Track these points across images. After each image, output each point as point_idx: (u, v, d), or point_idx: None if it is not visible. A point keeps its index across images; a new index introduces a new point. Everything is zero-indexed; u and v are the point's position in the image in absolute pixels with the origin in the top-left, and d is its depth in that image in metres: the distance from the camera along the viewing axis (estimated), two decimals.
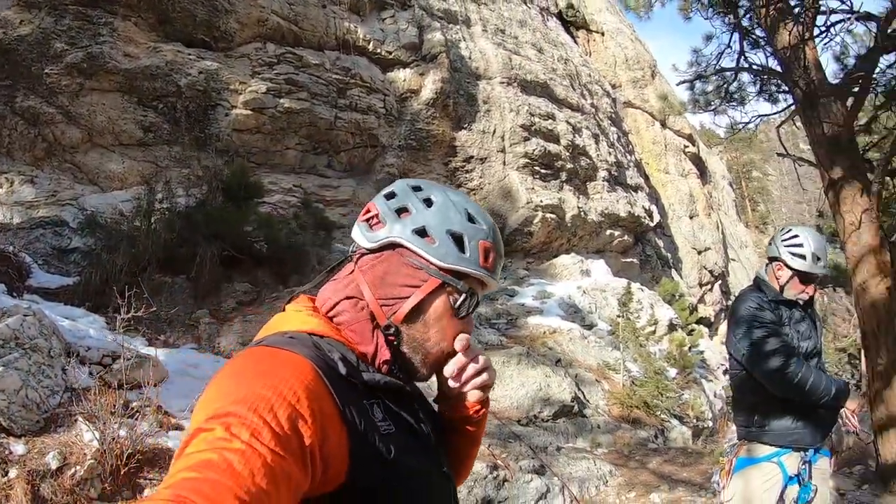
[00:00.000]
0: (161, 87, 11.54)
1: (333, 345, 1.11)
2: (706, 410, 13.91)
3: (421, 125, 15.89)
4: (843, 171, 6.08)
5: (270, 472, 0.84)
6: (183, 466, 0.82)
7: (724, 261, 32.40)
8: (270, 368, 0.98)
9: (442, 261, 1.19)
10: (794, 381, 3.08)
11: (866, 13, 6.28)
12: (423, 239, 1.20)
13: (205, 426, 0.88)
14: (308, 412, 0.94)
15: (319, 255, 10.21)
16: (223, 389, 0.95)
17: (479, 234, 1.23)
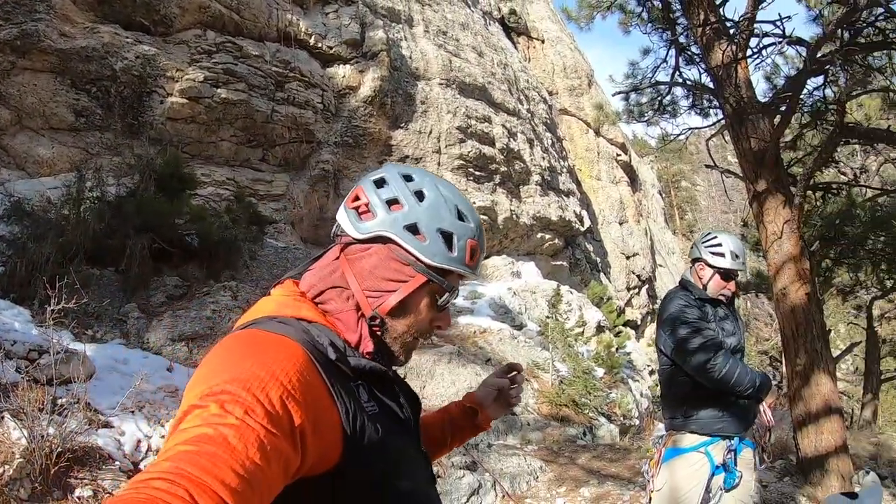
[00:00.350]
0: (96, 69, 11.12)
1: (322, 330, 1.14)
2: (633, 409, 14.32)
3: (358, 122, 15.81)
4: (767, 184, 6.34)
5: (263, 449, 0.86)
6: (180, 440, 0.84)
7: (651, 266, 33.30)
8: (263, 350, 1.00)
9: (431, 259, 1.21)
10: (722, 373, 3.25)
11: (797, 38, 6.57)
12: (415, 236, 1.21)
13: (199, 403, 0.90)
14: (299, 394, 0.97)
15: (251, 250, 10.08)
16: (217, 368, 0.97)
17: (467, 233, 1.25)
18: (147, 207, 8.29)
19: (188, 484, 0.77)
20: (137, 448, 4.81)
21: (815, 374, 6.08)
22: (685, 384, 3.43)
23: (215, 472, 0.79)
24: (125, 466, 4.44)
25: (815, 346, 6.15)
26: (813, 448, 6.02)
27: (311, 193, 14.67)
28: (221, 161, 13.00)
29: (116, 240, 7.99)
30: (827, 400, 6.04)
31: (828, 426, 6.01)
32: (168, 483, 0.76)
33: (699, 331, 3.37)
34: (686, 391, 3.44)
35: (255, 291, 9.10)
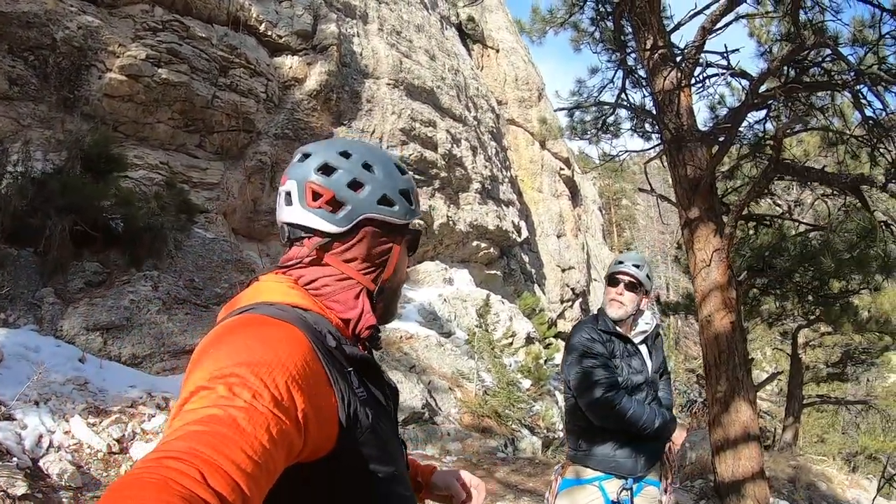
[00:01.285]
0: (35, 37, 10.62)
1: (317, 319, 1.16)
2: (557, 421, 14.52)
3: (300, 116, 15.54)
4: (699, 212, 6.44)
5: (271, 433, 0.88)
6: (189, 420, 0.85)
7: (586, 280, 33.83)
8: (269, 336, 1.02)
9: (402, 219, 1.31)
10: (612, 412, 3.26)
11: (742, 70, 6.70)
12: (388, 206, 1.29)
13: (206, 385, 0.91)
14: (303, 381, 0.99)
15: (177, 239, 9.75)
16: (224, 351, 0.99)
17: (413, 184, 1.37)
18: (72, 187, 7.93)
19: (200, 464, 0.78)
20: (39, 443, 4.65)
21: (735, 401, 6.17)
22: (583, 418, 3.41)
23: (227, 453, 0.81)
24: (23, 464, 4.27)
25: (737, 373, 6.25)
26: (730, 473, 6.12)
27: (247, 184, 14.36)
28: (156, 144, 12.56)
29: (38, 219, 7.65)
30: (746, 427, 6.14)
31: (746, 452, 6.11)
32: (180, 462, 0.77)
33: (597, 368, 3.36)
34: (583, 425, 3.44)
35: (177, 283, 8.87)
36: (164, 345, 7.78)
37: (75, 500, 4.19)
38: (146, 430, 5.49)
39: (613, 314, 3.50)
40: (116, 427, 5.25)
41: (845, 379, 15.64)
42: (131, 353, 7.38)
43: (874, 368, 15.70)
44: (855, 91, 6.13)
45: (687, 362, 32.20)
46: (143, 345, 7.57)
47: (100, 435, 5.03)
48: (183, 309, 8.52)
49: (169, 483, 0.73)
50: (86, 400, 5.50)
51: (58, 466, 4.37)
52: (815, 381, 15.51)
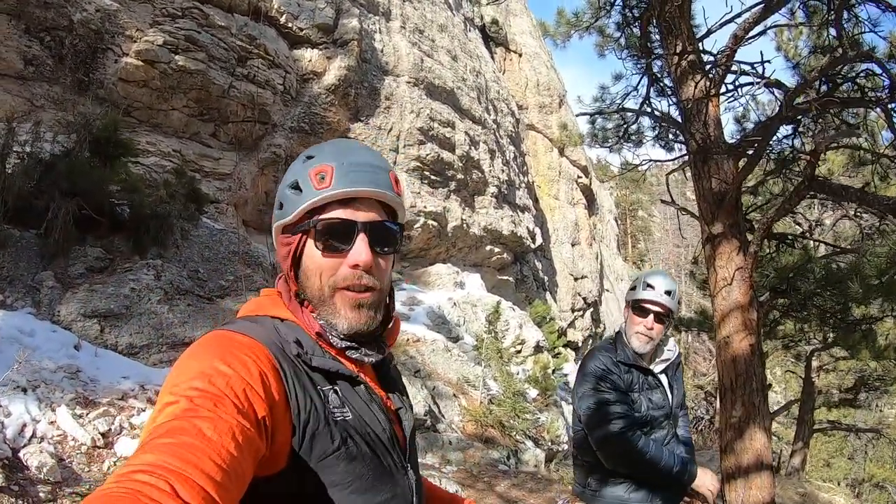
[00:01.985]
0: (53, 17, 10.50)
1: (291, 327, 1.18)
2: (562, 434, 14.28)
3: (317, 110, 15.39)
4: (723, 228, 6.22)
5: (236, 439, 0.88)
6: (157, 434, 0.86)
7: (598, 290, 33.63)
8: (227, 349, 1.03)
9: (289, 217, 1.22)
10: (627, 453, 2.95)
11: (776, 80, 6.49)
12: (279, 210, 1.26)
13: (169, 400, 0.93)
14: (261, 389, 1.00)
15: (184, 228, 9.60)
16: (185, 367, 1.00)
17: (308, 167, 1.22)
18: (79, 170, 7.79)
19: (170, 476, 0.77)
20: (21, 433, 4.46)
21: (749, 428, 5.96)
22: (593, 453, 3.11)
23: (195, 463, 0.80)
24: (2, 453, 4.09)
25: (754, 399, 6.02)
26: (740, 502, 5.90)
27: (259, 177, 14.23)
28: (170, 131, 12.44)
29: (43, 201, 7.50)
30: (759, 455, 5.93)
31: (757, 482, 5.90)
32: (149, 475, 0.77)
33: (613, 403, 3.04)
34: (592, 461, 3.15)
35: (180, 273, 8.71)
36: (162, 335, 7.62)
37: (53, 495, 4.01)
38: (134, 425, 5.30)
39: (640, 348, 3.14)
40: (103, 420, 5.07)
41: (857, 406, 15.38)
42: (129, 342, 7.21)
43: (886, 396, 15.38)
44: (888, 109, 5.83)
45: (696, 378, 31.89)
46: (142, 334, 7.40)
47: (85, 427, 4.84)
48: (185, 300, 8.35)
49: (138, 497, 0.73)
50: (75, 389, 5.32)
51: (37, 459, 4.18)
52: (826, 406, 15.25)
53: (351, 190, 1.19)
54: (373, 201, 1.24)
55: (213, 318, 8.39)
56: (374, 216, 1.24)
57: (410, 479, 1.24)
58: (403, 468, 1.23)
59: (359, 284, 1.20)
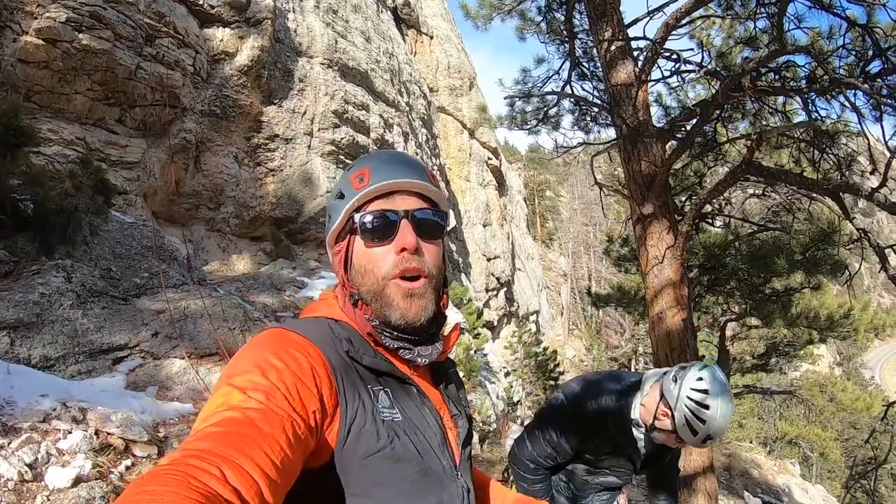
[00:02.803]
0: None
1: (344, 327, 1.21)
2: (491, 414, 14.32)
3: (229, 92, 14.66)
4: (653, 209, 6.40)
5: (286, 432, 0.90)
6: (210, 423, 0.88)
7: (511, 269, 34.15)
8: (281, 345, 1.06)
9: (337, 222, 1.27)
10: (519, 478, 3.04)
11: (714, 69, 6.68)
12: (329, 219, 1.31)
13: (225, 391, 0.95)
14: (312, 384, 1.02)
15: (93, 223, 8.86)
16: (240, 360, 1.03)
17: (349, 175, 1.28)
18: None
19: (221, 462, 0.80)
20: None
21: None
22: None
23: (246, 452, 0.82)
24: None
25: None
26: (682, 468, 6.12)
27: (169, 164, 13.41)
28: (73, 117, 11.43)
29: None
30: None
31: (696, 449, 6.16)
32: (201, 460, 0.79)
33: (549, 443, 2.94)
34: None
35: (92, 273, 8.02)
36: (79, 344, 6.98)
37: None
38: (62, 451, 4.75)
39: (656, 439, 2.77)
40: (28, 449, 4.50)
41: (768, 370, 16.31)
42: (42, 354, 6.55)
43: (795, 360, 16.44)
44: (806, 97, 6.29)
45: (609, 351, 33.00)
46: (56, 345, 6.74)
47: (9, 460, 4.28)
48: (99, 302, 7.70)
49: (189, 479, 0.75)
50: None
51: None
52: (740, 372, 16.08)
53: (386, 183, 1.23)
54: (412, 193, 1.27)
55: (130, 319, 7.80)
56: (415, 205, 1.26)
57: (460, 487, 1.22)
58: (454, 475, 1.22)
59: (409, 269, 1.21)
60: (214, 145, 14.70)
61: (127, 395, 6.76)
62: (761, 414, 26.24)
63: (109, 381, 6.94)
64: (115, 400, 6.31)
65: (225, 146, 14.99)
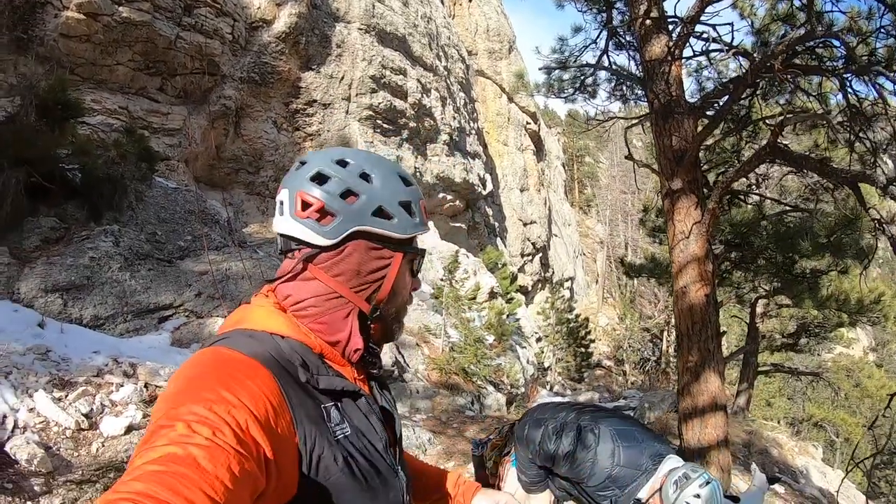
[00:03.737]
0: None
1: (294, 347, 1.12)
2: (520, 378, 14.53)
3: (267, 59, 14.92)
4: (682, 184, 6.41)
5: (232, 471, 0.84)
6: (148, 459, 0.81)
7: (547, 235, 34.01)
8: (231, 373, 0.98)
9: (402, 234, 1.20)
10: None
11: (744, 49, 6.64)
12: (383, 219, 1.19)
13: (165, 423, 0.88)
14: (265, 420, 0.95)
15: (138, 190, 9.23)
16: (184, 387, 0.95)
17: (417, 195, 1.25)
18: (25, 136, 7.37)
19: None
20: (3, 425, 4.29)
21: (705, 371, 6.27)
22: None
23: (185, 495, 0.77)
24: None
25: (709, 345, 6.33)
26: (696, 440, 6.26)
27: (210, 130, 13.77)
28: (115, 87, 11.84)
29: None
30: (714, 397, 6.25)
31: (712, 421, 6.24)
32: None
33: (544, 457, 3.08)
34: None
35: (138, 237, 8.42)
36: (127, 304, 7.41)
37: (47, 486, 3.89)
38: (115, 402, 5.16)
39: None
40: (84, 401, 4.91)
41: (798, 350, 16.19)
42: (93, 314, 6.99)
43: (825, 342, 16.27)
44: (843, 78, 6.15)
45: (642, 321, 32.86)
46: (106, 305, 7.17)
47: (67, 411, 4.69)
48: (146, 265, 8.11)
49: None
50: (49, 371, 5.13)
51: (26, 451, 4.03)
52: (769, 350, 15.96)
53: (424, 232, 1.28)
54: None
55: (175, 281, 8.20)
56: None
57: (402, 481, 1.24)
58: (395, 471, 1.22)
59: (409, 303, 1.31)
60: (254, 111, 15.00)
61: (173, 351, 7.19)
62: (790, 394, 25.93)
63: (156, 339, 7.37)
64: (163, 356, 6.73)
65: (264, 112, 15.30)
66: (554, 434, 3.07)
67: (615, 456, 2.89)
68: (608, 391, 23.94)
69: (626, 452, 2.89)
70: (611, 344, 36.72)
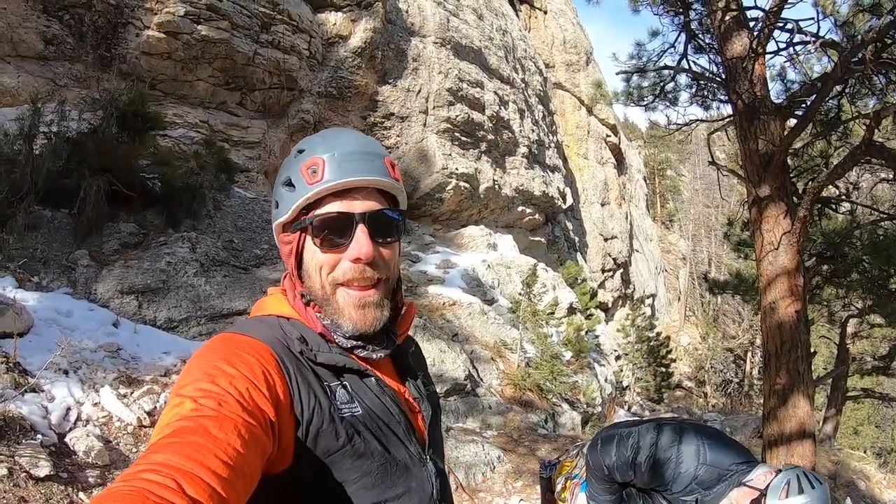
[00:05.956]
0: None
1: (296, 325, 1.16)
2: (597, 396, 14.14)
3: (344, 73, 15.17)
4: (770, 190, 6.08)
5: (242, 436, 0.88)
6: (163, 434, 0.86)
7: (628, 251, 33.33)
8: (230, 350, 1.03)
9: (285, 216, 1.17)
10: None
11: (831, 40, 6.23)
12: (275, 208, 1.21)
13: (176, 402, 0.93)
14: (264, 385, 0.99)
15: (217, 199, 9.51)
16: (190, 371, 1.00)
17: (299, 162, 1.16)
18: (107, 146, 7.71)
19: (176, 473, 0.78)
20: (66, 417, 4.38)
21: (794, 395, 5.90)
22: None
23: (201, 460, 0.81)
24: (49, 440, 4.01)
25: (798, 366, 5.96)
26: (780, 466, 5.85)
27: (289, 143, 14.08)
28: (196, 102, 12.31)
29: (73, 180, 7.39)
30: (802, 423, 5.88)
31: (799, 450, 5.86)
32: (156, 474, 0.77)
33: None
34: None
35: (215, 244, 8.62)
36: (200, 308, 7.56)
37: (102, 478, 3.94)
38: None
39: None
40: (148, 398, 4.99)
41: (890, 374, 15.13)
42: (167, 316, 7.15)
43: None
44: None
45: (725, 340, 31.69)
46: (180, 308, 7.34)
47: (130, 407, 4.77)
48: (221, 271, 8.28)
49: (145, 494, 0.74)
50: (117, 368, 5.25)
51: (85, 443, 4.10)
52: (858, 374, 15.04)
53: (344, 181, 1.13)
54: (371, 190, 1.18)
55: (249, 287, 8.32)
56: (373, 205, 1.17)
57: (430, 471, 1.20)
58: (422, 460, 1.19)
59: (361, 278, 1.16)
60: (332, 124, 15.24)
61: None
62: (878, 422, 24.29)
63: None
64: None
65: (342, 125, 15.48)
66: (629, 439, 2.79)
67: (700, 454, 2.60)
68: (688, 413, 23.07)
69: (711, 451, 2.59)
70: (692, 364, 35.44)
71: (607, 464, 2.84)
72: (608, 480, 2.89)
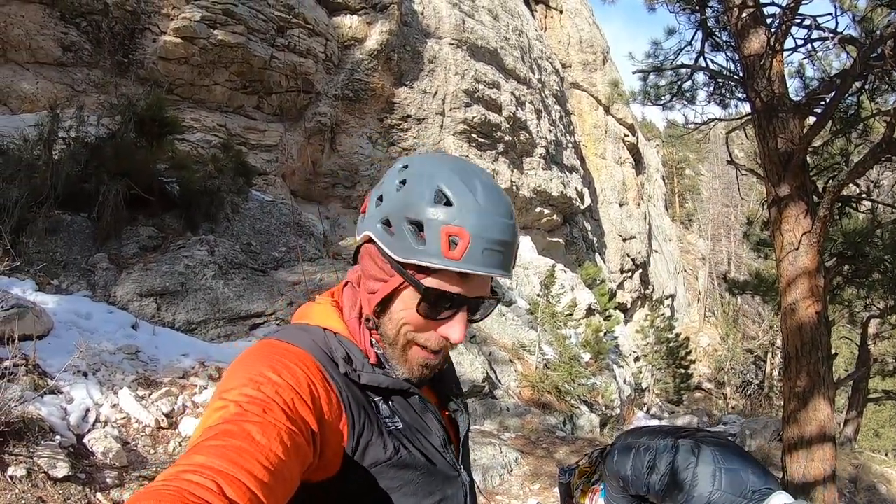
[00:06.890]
0: (87, 2, 10.57)
1: (342, 342, 1.13)
2: (616, 399, 14.05)
3: (360, 76, 15.25)
4: (790, 190, 5.99)
5: (284, 443, 0.89)
6: (207, 437, 0.86)
7: (647, 251, 33.13)
8: (277, 358, 1.02)
9: (397, 255, 1.07)
10: None
11: (850, 36, 6.14)
12: (386, 231, 1.09)
13: (220, 405, 0.93)
14: (308, 397, 0.99)
15: (235, 202, 9.56)
16: (235, 375, 1.00)
17: (441, 218, 1.03)
18: (125, 151, 7.78)
19: (217, 476, 0.79)
20: (85, 418, 4.40)
21: (814, 398, 5.80)
22: None
23: (242, 465, 0.82)
24: (67, 441, 4.03)
25: (819, 369, 5.85)
26: (801, 474, 5.79)
27: (306, 146, 14.18)
28: (213, 106, 12.43)
29: (92, 184, 7.47)
30: (823, 426, 5.78)
31: (819, 454, 5.77)
32: (197, 475, 0.78)
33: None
34: None
35: (234, 247, 8.66)
36: (219, 310, 7.59)
37: (120, 480, 3.95)
38: (197, 403, 5.24)
39: None
40: (166, 400, 5.01)
41: None
42: (186, 318, 7.20)
43: None
44: None
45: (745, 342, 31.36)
46: (198, 310, 7.38)
47: (148, 409, 4.79)
48: (239, 274, 8.31)
49: (185, 494, 0.75)
50: (136, 370, 5.28)
51: (103, 444, 4.12)
52: (880, 375, 14.83)
53: (478, 272, 1.05)
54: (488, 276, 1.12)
55: (268, 290, 8.34)
56: (486, 291, 1.12)
57: (464, 481, 1.23)
58: (457, 470, 1.21)
59: (440, 349, 1.14)
60: (349, 127, 15.32)
61: None
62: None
63: (246, 345, 7.44)
64: None
65: (359, 127, 15.60)
66: (646, 454, 2.80)
67: (716, 479, 2.61)
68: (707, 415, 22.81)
69: (728, 476, 2.60)
70: (712, 365, 35.03)
71: (622, 475, 2.87)
72: (624, 490, 2.91)
